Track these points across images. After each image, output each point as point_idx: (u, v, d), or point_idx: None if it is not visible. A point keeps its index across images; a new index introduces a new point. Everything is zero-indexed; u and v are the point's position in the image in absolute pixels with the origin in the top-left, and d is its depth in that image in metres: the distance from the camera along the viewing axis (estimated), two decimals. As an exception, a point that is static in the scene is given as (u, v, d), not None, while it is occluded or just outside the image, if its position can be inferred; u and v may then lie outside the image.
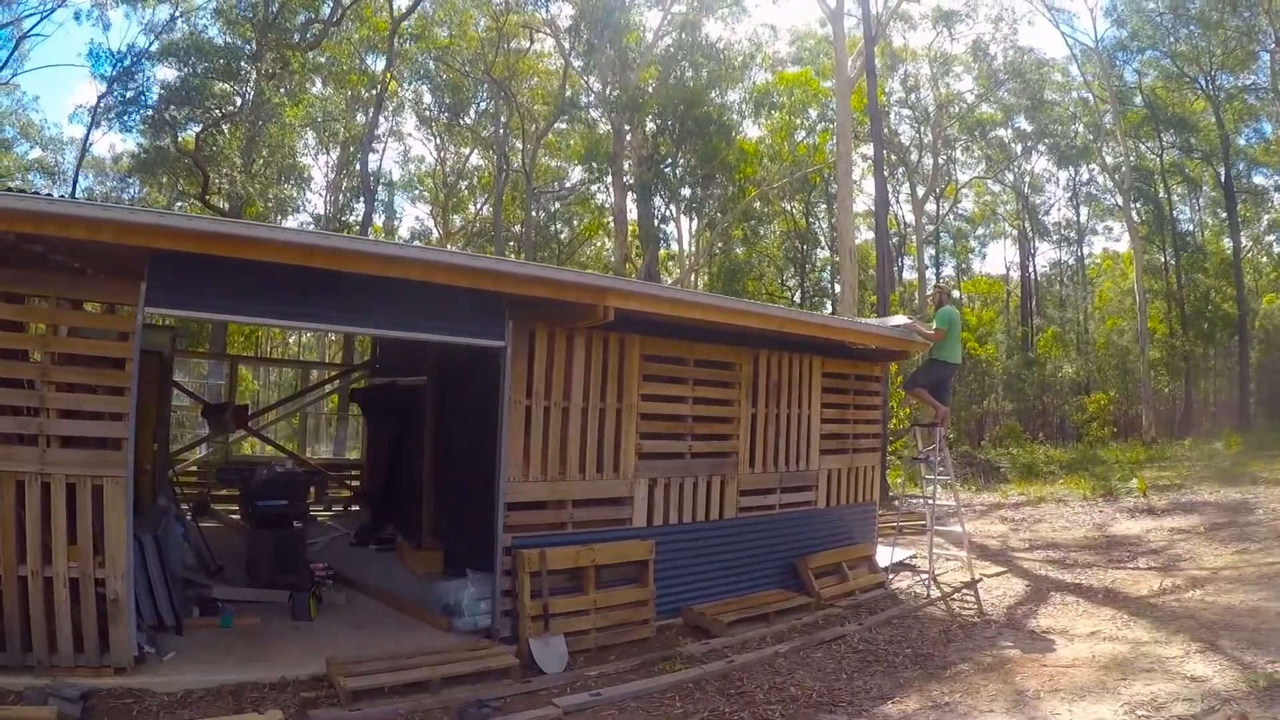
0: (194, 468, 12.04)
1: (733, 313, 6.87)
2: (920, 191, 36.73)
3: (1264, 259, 38.66)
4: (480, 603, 6.42)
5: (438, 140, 35.17)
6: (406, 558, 8.53)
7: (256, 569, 7.39)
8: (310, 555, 8.27)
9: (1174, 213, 35.38)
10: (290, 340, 37.77)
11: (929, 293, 9.94)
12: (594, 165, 25.33)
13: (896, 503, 14.71)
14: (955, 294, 38.16)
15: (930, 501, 9.14)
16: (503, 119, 30.41)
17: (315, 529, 10.54)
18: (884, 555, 9.58)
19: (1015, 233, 42.46)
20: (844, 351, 9.14)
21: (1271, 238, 39.54)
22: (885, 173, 20.38)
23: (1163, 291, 34.27)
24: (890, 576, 9.11)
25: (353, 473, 13.60)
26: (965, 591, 8.66)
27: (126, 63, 23.01)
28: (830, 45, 25.16)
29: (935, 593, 8.52)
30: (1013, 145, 37.81)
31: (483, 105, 31.67)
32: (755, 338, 7.82)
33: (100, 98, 23.43)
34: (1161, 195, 34.52)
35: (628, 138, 24.60)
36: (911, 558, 10.18)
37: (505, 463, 6.16)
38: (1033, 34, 78.83)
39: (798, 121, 30.57)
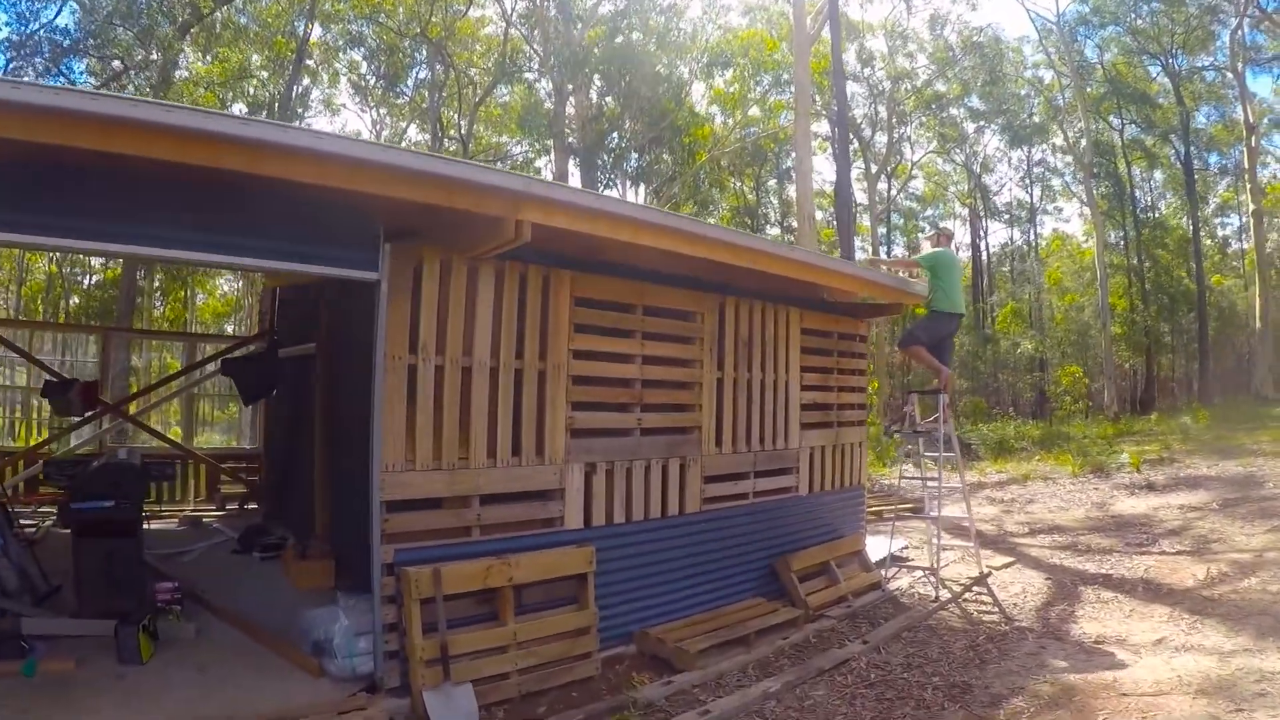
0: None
1: (696, 240, 5.09)
2: (873, 169, 36.00)
3: (1209, 241, 38.90)
4: (359, 639, 4.62)
5: (374, 113, 33.39)
6: (290, 568, 6.73)
7: (81, 592, 5.53)
8: (173, 568, 6.46)
9: (1133, 190, 35.18)
10: (228, 327, 35.10)
11: (930, 234, 8.56)
12: (535, 130, 23.30)
13: (870, 484, 13.28)
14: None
15: (938, 484, 7.58)
16: (440, 86, 28.48)
17: (197, 533, 8.77)
18: (873, 548, 8.10)
19: (966, 212, 42.01)
20: (824, 304, 7.60)
21: (1218, 220, 40.00)
22: (840, 148, 19.02)
23: (1122, 266, 34.10)
24: (885, 575, 7.58)
25: (255, 464, 11.68)
26: (977, 589, 7.19)
27: (20, 6, 20.44)
28: (785, 5, 23.89)
29: (944, 593, 6.99)
30: (965, 124, 37.40)
31: (421, 74, 29.89)
32: (721, 281, 6.19)
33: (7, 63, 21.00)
34: (1121, 170, 34.22)
35: (570, 101, 22.75)
36: (903, 549, 8.69)
37: (380, 445, 4.33)
38: (990, 9, 77.54)
39: (750, 91, 29.16)
